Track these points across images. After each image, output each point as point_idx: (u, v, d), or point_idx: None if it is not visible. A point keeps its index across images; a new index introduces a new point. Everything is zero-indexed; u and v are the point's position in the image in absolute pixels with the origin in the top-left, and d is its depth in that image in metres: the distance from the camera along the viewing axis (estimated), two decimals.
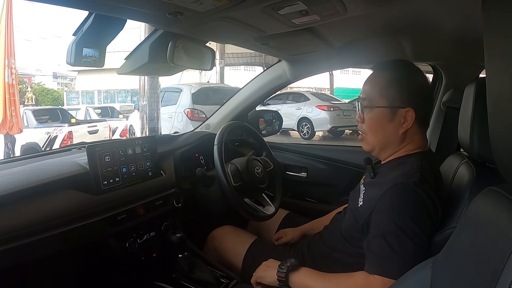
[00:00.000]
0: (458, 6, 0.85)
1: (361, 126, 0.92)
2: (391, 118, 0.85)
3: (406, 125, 0.85)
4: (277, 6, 0.75)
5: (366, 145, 0.92)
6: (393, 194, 0.78)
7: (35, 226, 0.73)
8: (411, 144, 0.87)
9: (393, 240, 0.75)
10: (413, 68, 0.90)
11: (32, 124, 6.19)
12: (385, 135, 0.87)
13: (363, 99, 0.90)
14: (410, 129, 0.86)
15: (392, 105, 0.85)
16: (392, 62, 0.91)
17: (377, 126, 0.88)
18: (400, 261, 0.74)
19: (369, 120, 0.89)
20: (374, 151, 0.92)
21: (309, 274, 0.86)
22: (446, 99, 1.38)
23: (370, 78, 0.91)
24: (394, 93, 0.85)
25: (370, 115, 0.88)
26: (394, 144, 0.88)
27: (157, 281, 1.02)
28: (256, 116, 1.66)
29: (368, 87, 0.89)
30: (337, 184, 1.58)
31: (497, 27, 0.45)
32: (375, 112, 0.87)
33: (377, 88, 0.87)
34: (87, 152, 0.90)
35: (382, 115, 0.86)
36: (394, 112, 0.85)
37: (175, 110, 6.05)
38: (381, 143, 0.89)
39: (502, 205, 0.51)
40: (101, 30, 0.81)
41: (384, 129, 0.87)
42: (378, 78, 0.89)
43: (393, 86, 0.85)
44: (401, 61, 0.92)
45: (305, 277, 0.86)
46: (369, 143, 0.91)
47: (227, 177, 1.13)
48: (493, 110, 0.47)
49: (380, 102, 0.86)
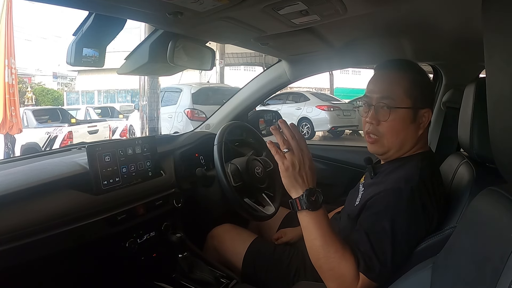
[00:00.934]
0: (458, 6, 0.85)
1: (375, 128, 0.85)
2: (413, 120, 0.84)
3: (423, 125, 0.85)
4: (277, 6, 0.75)
5: (380, 148, 0.86)
6: (388, 197, 0.77)
7: (35, 226, 0.73)
8: (418, 145, 0.87)
9: (375, 241, 0.74)
10: (423, 70, 0.89)
11: (32, 124, 6.20)
12: (406, 136, 0.84)
13: (381, 98, 0.83)
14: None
15: (415, 106, 0.83)
16: (404, 62, 0.88)
17: (400, 127, 0.83)
18: (378, 263, 0.73)
19: (392, 121, 0.83)
20: (388, 152, 0.86)
21: (320, 222, 0.76)
22: (446, 99, 1.38)
23: (388, 78, 0.86)
24: (418, 94, 0.83)
25: (394, 116, 0.82)
26: (410, 145, 0.86)
27: (157, 281, 1.02)
28: (256, 116, 1.66)
29: (389, 86, 0.84)
30: (337, 184, 1.58)
31: (497, 27, 0.46)
32: (399, 113, 0.82)
33: (401, 88, 0.83)
34: (87, 152, 0.90)
35: (406, 116, 0.83)
36: (416, 113, 0.84)
37: (175, 110, 6.05)
38: (400, 145, 0.85)
39: (502, 205, 0.51)
40: (101, 30, 0.81)
41: (406, 130, 0.84)
42: (400, 78, 0.84)
43: (417, 87, 0.84)
44: (409, 61, 0.89)
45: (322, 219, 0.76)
46: (385, 145, 0.85)
47: (227, 177, 1.13)
48: (493, 110, 0.47)
49: (405, 103, 0.83)
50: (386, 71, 0.87)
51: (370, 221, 0.78)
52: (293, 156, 0.76)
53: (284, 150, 0.76)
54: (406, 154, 0.87)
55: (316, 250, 0.76)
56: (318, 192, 0.77)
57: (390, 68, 0.87)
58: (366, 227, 0.77)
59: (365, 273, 0.73)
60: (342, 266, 0.74)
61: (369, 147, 0.89)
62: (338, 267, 0.74)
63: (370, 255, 0.74)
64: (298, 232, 1.19)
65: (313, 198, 0.76)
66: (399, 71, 0.85)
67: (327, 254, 0.74)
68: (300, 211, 0.76)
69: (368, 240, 0.75)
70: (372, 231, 0.76)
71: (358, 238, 0.77)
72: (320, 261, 0.76)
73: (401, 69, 0.86)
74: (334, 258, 0.74)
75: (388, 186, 0.79)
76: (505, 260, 0.42)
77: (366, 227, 0.77)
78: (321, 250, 0.75)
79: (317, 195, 0.76)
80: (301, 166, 0.76)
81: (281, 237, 1.20)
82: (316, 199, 0.76)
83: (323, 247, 0.75)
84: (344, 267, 0.73)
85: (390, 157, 0.88)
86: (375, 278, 0.73)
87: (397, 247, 0.74)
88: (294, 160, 0.76)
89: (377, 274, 0.73)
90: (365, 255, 0.74)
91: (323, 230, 0.76)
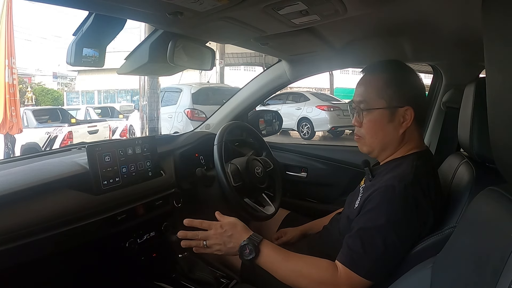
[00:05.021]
0: (458, 6, 0.85)
1: (358, 129, 0.91)
2: (391, 119, 0.85)
3: (405, 124, 0.85)
4: (277, 6, 0.75)
5: (364, 147, 0.91)
6: (382, 195, 0.78)
7: (35, 226, 0.73)
8: (409, 144, 0.87)
9: (366, 238, 0.75)
10: (406, 67, 0.90)
11: (32, 124, 6.20)
12: (385, 136, 0.87)
13: (358, 102, 0.88)
14: (408, 128, 0.86)
15: (390, 105, 0.84)
16: (384, 63, 0.90)
17: (377, 128, 0.87)
18: (368, 260, 0.74)
19: (368, 123, 0.87)
20: (373, 152, 0.91)
21: (276, 251, 0.83)
22: (446, 99, 1.38)
23: (363, 80, 0.90)
24: (392, 93, 0.84)
25: (369, 118, 0.87)
26: (394, 144, 0.88)
27: (157, 281, 1.02)
28: (256, 116, 1.66)
29: (364, 89, 0.88)
30: (337, 184, 1.58)
31: (497, 27, 0.46)
32: (374, 114, 0.86)
33: (373, 90, 0.86)
34: (87, 152, 0.90)
35: (381, 116, 0.86)
36: (393, 112, 0.85)
37: (175, 110, 6.06)
38: (381, 145, 0.88)
39: (502, 205, 0.51)
40: (101, 30, 0.81)
41: (384, 130, 0.86)
42: (373, 79, 0.88)
43: (390, 86, 0.85)
44: (392, 61, 0.91)
45: (272, 253, 0.83)
46: (367, 145, 0.90)
47: (227, 177, 1.13)
48: (493, 110, 0.47)
49: (378, 104, 0.85)
50: (363, 75, 0.91)
51: (363, 219, 0.79)
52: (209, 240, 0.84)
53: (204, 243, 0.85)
54: (399, 154, 0.88)
55: (289, 277, 0.81)
56: (246, 243, 0.82)
57: (366, 71, 0.90)
58: (359, 225, 0.78)
59: (354, 270, 0.74)
60: (316, 273, 0.78)
61: (359, 147, 0.94)
62: (315, 275, 0.78)
63: (359, 252, 0.75)
64: (298, 232, 1.19)
65: (247, 251, 0.81)
66: (373, 73, 0.89)
67: (298, 274, 0.80)
68: (251, 259, 0.82)
69: (359, 237, 0.76)
70: (364, 228, 0.77)
71: (350, 235, 0.78)
72: (299, 283, 0.80)
73: (375, 70, 0.89)
74: (305, 273, 0.79)
75: (382, 184, 0.79)
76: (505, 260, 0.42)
77: (359, 225, 0.78)
78: (292, 275, 0.80)
79: (247, 246, 0.81)
80: (219, 237, 0.84)
81: (281, 237, 1.20)
82: (249, 249, 0.81)
83: (291, 272, 0.80)
84: (316, 273, 0.78)
85: (380, 157, 0.91)
86: (364, 274, 0.74)
87: (389, 244, 0.74)
88: (212, 242, 0.84)
89: (367, 271, 0.74)
90: (354, 252, 0.75)
91: (279, 261, 0.81)
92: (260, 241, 0.83)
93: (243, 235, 0.83)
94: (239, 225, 0.86)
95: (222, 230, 0.84)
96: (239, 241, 0.83)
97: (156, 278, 1.03)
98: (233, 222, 0.86)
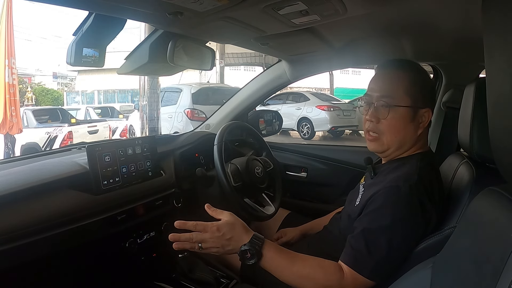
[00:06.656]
0: (458, 6, 0.85)
1: (375, 126, 0.86)
2: (412, 118, 0.84)
3: (422, 125, 0.85)
4: (277, 6, 0.75)
5: (380, 146, 0.87)
6: (386, 194, 0.77)
7: (35, 226, 0.73)
8: (417, 145, 0.87)
9: (371, 239, 0.75)
10: (424, 69, 0.90)
11: (32, 124, 6.20)
12: (405, 135, 0.85)
13: (380, 96, 0.84)
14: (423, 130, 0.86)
15: (415, 105, 0.83)
16: (405, 61, 0.89)
17: (400, 126, 0.84)
18: (372, 261, 0.74)
19: (391, 120, 0.83)
20: (387, 151, 0.87)
21: (279, 254, 0.80)
22: (446, 99, 1.38)
23: (388, 76, 0.86)
24: (417, 93, 0.83)
25: (393, 114, 0.83)
26: (409, 144, 0.86)
27: (157, 281, 1.02)
28: (256, 116, 1.66)
29: (389, 84, 0.85)
30: (337, 184, 1.58)
31: (497, 27, 0.45)
32: (399, 111, 0.83)
33: (401, 87, 0.83)
34: (87, 152, 0.90)
35: (406, 115, 0.83)
36: (416, 112, 0.84)
37: (175, 110, 6.06)
38: (399, 143, 0.86)
39: (502, 205, 0.51)
40: (101, 30, 0.81)
41: (406, 129, 0.84)
42: (401, 76, 0.84)
43: (415, 85, 0.84)
44: (410, 61, 0.90)
45: (276, 256, 0.79)
46: (384, 144, 0.86)
47: (227, 177, 1.13)
48: (493, 110, 0.47)
49: (405, 101, 0.83)
50: (386, 70, 0.88)
51: (367, 219, 0.78)
52: (205, 243, 0.77)
53: (199, 245, 0.78)
54: (405, 154, 0.87)
55: (294, 281, 0.79)
56: (248, 248, 0.77)
57: (391, 67, 0.87)
58: (363, 225, 0.78)
59: (358, 271, 0.74)
60: (323, 277, 0.77)
61: (369, 145, 0.89)
62: (322, 279, 0.77)
63: (363, 252, 0.74)
64: (298, 232, 1.19)
65: (248, 256, 0.76)
66: (399, 70, 0.86)
67: (304, 277, 0.78)
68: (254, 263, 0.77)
69: (363, 238, 0.76)
70: (369, 229, 0.76)
71: (354, 236, 0.78)
72: (304, 286, 0.78)
73: (401, 68, 0.86)
74: (312, 276, 0.77)
75: (387, 185, 0.79)
76: (505, 260, 0.42)
77: (363, 225, 0.78)
78: (297, 278, 0.78)
79: (248, 250, 0.76)
80: (216, 241, 0.77)
81: (281, 237, 1.20)
82: (251, 253, 0.76)
83: (297, 276, 0.78)
84: (323, 277, 0.77)
85: (389, 156, 0.89)
86: (368, 275, 0.73)
87: (394, 244, 0.74)
88: (209, 245, 0.78)
89: (371, 271, 0.73)
90: (357, 252, 0.75)
91: (283, 265, 0.78)
92: (262, 244, 0.78)
93: (243, 238, 0.78)
94: (238, 226, 0.79)
95: (219, 234, 0.76)
96: (239, 244, 0.77)
97: (156, 278, 1.03)
98: (231, 223, 0.79)
